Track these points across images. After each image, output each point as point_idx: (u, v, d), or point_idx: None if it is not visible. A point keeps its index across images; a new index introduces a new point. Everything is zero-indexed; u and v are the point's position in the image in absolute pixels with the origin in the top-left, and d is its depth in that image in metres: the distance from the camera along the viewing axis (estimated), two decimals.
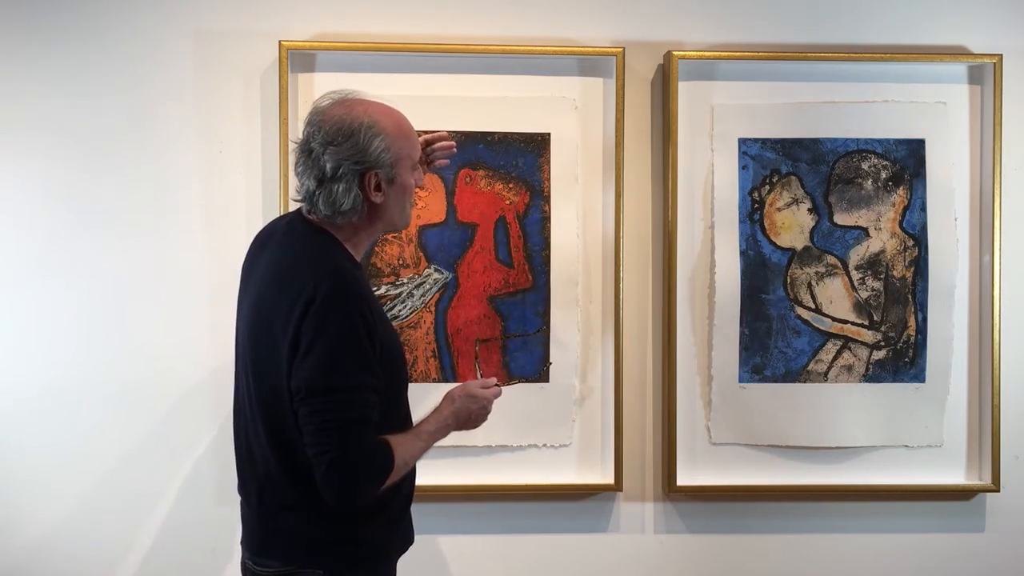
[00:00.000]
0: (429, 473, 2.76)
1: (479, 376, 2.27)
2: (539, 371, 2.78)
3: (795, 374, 2.83)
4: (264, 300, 1.97)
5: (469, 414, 2.11)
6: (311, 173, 1.96)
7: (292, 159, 2.01)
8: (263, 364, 1.97)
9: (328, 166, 1.93)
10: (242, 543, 2.14)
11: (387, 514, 2.05)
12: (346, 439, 1.86)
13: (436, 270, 2.77)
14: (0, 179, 2.74)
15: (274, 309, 1.93)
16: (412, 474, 2.14)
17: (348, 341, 1.86)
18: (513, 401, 2.77)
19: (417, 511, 2.75)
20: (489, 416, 2.17)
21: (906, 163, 2.84)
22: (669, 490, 2.81)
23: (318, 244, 1.99)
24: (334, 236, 2.01)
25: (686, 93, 2.80)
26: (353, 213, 1.97)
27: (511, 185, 2.78)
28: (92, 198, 2.74)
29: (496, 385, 2.19)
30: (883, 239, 2.84)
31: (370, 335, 1.89)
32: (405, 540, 2.16)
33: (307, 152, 1.97)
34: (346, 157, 1.93)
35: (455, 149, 2.42)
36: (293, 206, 2.71)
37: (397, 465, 1.94)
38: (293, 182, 2.71)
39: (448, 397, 2.12)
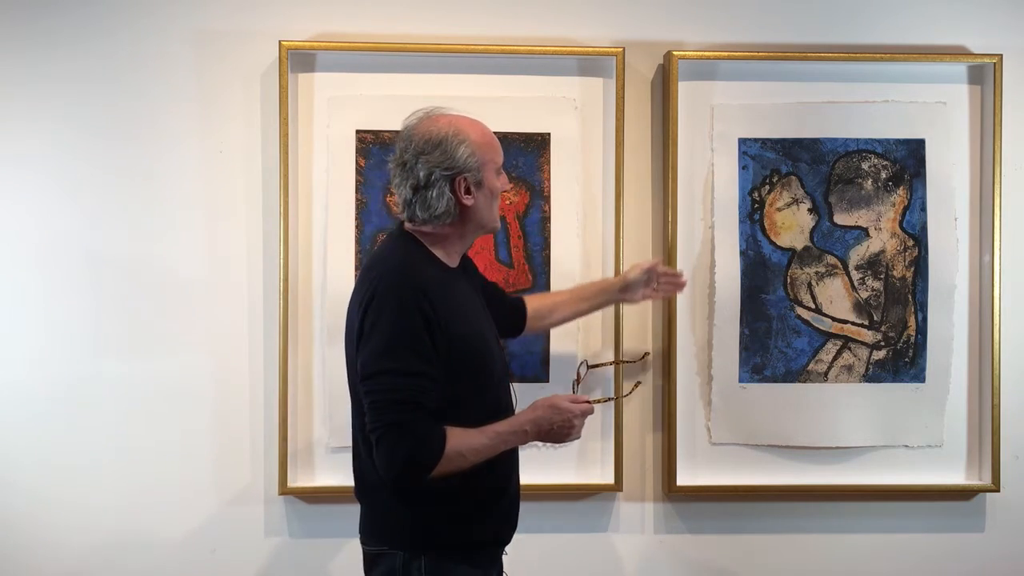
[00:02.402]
0: None
1: (576, 392, 2.29)
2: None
3: (795, 374, 2.83)
4: (351, 299, 2.14)
5: (551, 425, 2.12)
6: (407, 183, 2.12)
7: (392, 176, 2.17)
8: (349, 356, 2.12)
9: (421, 174, 2.09)
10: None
11: (471, 504, 2.11)
12: (394, 418, 1.97)
13: None
14: (1, 180, 2.74)
15: (352, 305, 2.11)
16: (506, 467, 2.17)
17: (401, 329, 1.99)
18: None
19: None
20: (579, 433, 2.17)
21: (906, 163, 2.84)
22: (669, 490, 2.81)
23: (396, 246, 2.14)
24: (419, 241, 2.14)
25: (686, 93, 2.80)
26: (447, 216, 2.11)
27: (511, 185, 2.78)
28: (92, 198, 2.74)
29: (587, 402, 2.16)
30: (883, 239, 2.84)
31: (429, 327, 2.00)
32: (496, 534, 2.19)
33: (401, 164, 2.13)
34: (436, 164, 2.09)
35: (684, 286, 2.66)
36: (293, 206, 2.74)
37: (449, 454, 2.00)
38: (295, 181, 2.73)
39: (532, 405, 2.15)
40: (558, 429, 2.13)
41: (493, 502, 2.16)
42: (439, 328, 2.02)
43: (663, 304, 2.82)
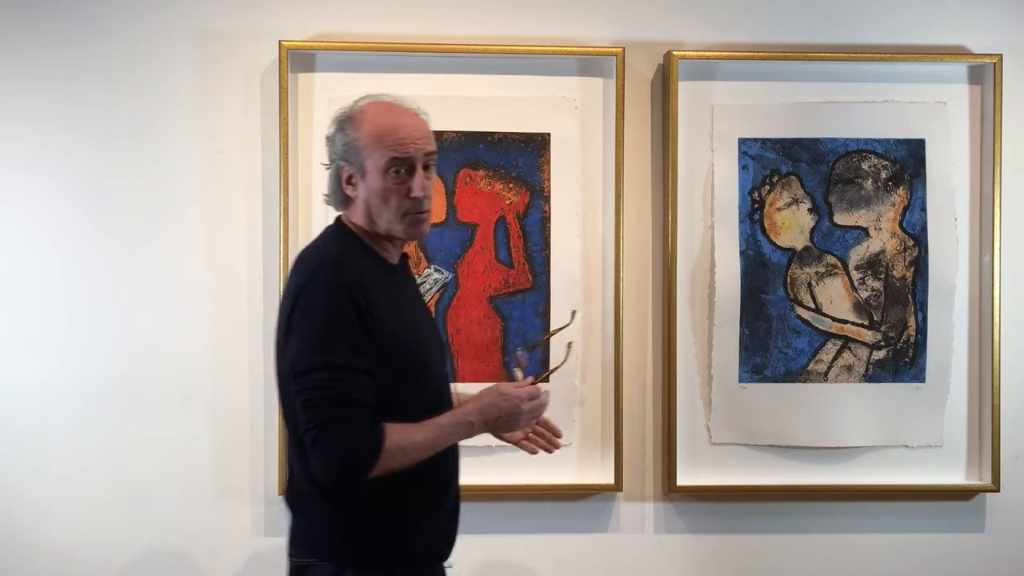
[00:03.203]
0: None
1: (519, 379, 2.16)
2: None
3: (795, 374, 2.83)
4: (282, 295, 2.06)
5: (498, 413, 2.00)
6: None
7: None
8: (278, 354, 2.00)
9: (327, 151, 2.04)
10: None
11: (407, 513, 1.99)
12: (330, 415, 1.86)
13: (436, 270, 2.77)
14: (1, 179, 2.74)
15: (283, 302, 2.00)
16: (445, 474, 2.07)
17: (331, 322, 1.88)
18: None
19: None
20: (536, 416, 2.07)
21: (906, 163, 2.84)
22: (669, 490, 2.81)
23: (330, 236, 2.04)
24: (352, 231, 2.03)
25: (686, 93, 2.80)
26: (334, 200, 2.03)
27: (511, 185, 2.78)
28: (93, 198, 2.74)
29: (532, 384, 2.05)
30: (883, 239, 2.84)
31: (363, 320, 1.89)
32: (433, 546, 2.07)
33: None
34: (329, 147, 2.02)
35: (555, 449, 2.31)
36: (293, 206, 2.74)
37: (389, 449, 1.87)
38: (295, 181, 2.73)
39: (477, 395, 2.04)
40: (506, 417, 2.00)
41: (430, 512, 2.04)
42: (374, 322, 1.90)
43: (663, 304, 2.82)
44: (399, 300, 2.03)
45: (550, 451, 2.30)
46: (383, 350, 1.92)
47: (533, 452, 2.28)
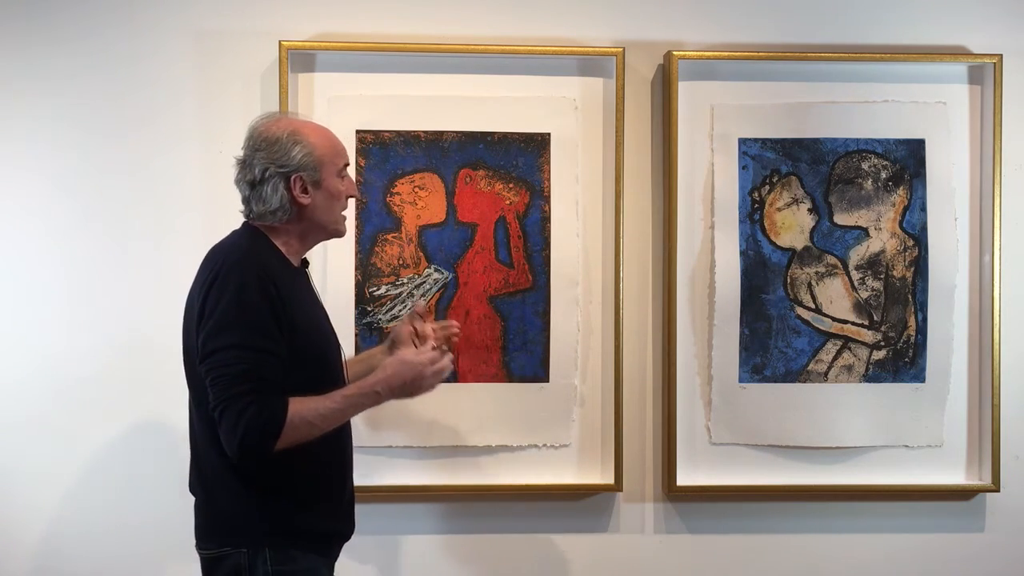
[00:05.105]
0: (428, 473, 2.77)
1: (418, 343, 2.27)
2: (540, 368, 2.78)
3: (795, 374, 2.83)
4: (191, 288, 2.15)
5: (403, 381, 2.11)
6: (244, 179, 2.18)
7: (236, 173, 2.20)
8: (188, 343, 2.13)
9: (257, 170, 2.15)
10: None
11: (314, 495, 2.12)
12: (235, 390, 1.97)
13: (436, 270, 2.78)
14: (1, 178, 2.74)
15: (193, 291, 2.13)
16: (339, 461, 2.20)
17: (243, 307, 2.01)
18: (513, 401, 2.78)
19: (416, 511, 2.75)
20: (439, 379, 2.15)
21: (906, 163, 2.84)
22: (669, 490, 2.81)
23: (241, 234, 2.18)
24: (264, 234, 2.17)
25: (686, 93, 2.80)
26: (283, 212, 2.15)
27: (511, 185, 2.78)
28: (92, 198, 2.74)
29: (433, 348, 2.16)
30: (883, 239, 2.84)
31: (272, 308, 2.03)
32: (340, 525, 2.21)
33: (241, 163, 2.19)
34: (271, 161, 2.13)
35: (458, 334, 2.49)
36: None
37: (293, 421, 1.99)
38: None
39: (381, 366, 2.15)
40: (410, 383, 2.11)
41: (338, 494, 2.19)
42: (283, 311, 2.04)
43: (663, 304, 2.82)
44: (302, 296, 2.18)
45: (454, 339, 2.45)
46: (291, 337, 2.06)
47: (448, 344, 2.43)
